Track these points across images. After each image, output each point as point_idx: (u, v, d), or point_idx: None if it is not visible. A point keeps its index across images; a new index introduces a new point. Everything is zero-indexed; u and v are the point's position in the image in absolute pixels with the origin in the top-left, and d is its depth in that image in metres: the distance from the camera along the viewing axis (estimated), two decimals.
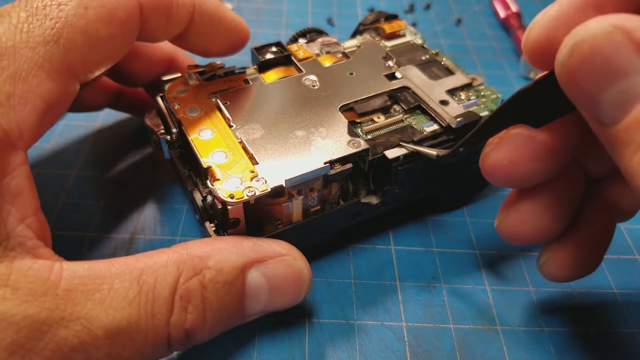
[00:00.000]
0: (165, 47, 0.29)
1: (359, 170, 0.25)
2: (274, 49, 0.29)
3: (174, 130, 0.25)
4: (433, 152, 0.23)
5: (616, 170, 0.18)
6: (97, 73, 0.21)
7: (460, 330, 0.24)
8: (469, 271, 0.27)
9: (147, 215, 0.28)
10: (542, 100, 0.18)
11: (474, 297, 0.26)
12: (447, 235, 0.28)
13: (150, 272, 0.18)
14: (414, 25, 0.46)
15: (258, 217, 0.23)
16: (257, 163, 0.22)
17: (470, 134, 0.20)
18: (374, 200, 0.26)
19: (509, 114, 0.19)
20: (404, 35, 0.31)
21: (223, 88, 0.26)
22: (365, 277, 0.26)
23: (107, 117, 0.34)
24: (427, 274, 0.26)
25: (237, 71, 0.28)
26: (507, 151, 0.19)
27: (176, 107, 0.25)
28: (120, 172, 0.31)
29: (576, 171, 0.21)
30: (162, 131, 0.25)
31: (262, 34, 0.42)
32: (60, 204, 0.28)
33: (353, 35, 0.33)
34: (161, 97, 0.26)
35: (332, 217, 0.25)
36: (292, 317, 0.24)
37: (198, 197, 0.23)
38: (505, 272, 0.27)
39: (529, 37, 0.18)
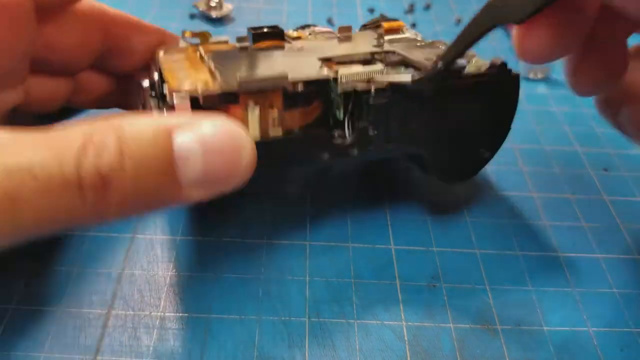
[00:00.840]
0: (147, 37, 0.28)
1: (337, 121, 0.24)
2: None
3: (156, 78, 0.25)
4: (407, 76, 0.22)
5: None
6: None
7: (460, 330, 0.24)
8: (469, 271, 0.27)
9: (147, 215, 0.28)
10: None
11: (474, 297, 0.26)
12: (447, 235, 0.28)
13: (59, 130, 0.17)
14: (413, 25, 0.46)
15: None
16: (216, 79, 0.22)
17: (449, 46, 0.20)
18: (347, 140, 0.24)
19: (491, 16, 0.19)
20: (403, 33, 0.31)
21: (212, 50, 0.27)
22: (365, 277, 0.26)
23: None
24: (427, 273, 0.26)
25: (230, 42, 0.28)
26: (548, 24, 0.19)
27: (161, 54, 0.26)
28: None
29: None
30: (147, 85, 0.25)
31: None
32: None
33: None
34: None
35: (293, 144, 0.23)
36: (292, 317, 0.24)
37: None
38: (505, 272, 0.27)
39: None
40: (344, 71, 0.24)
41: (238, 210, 0.29)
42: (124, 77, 0.29)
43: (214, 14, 0.45)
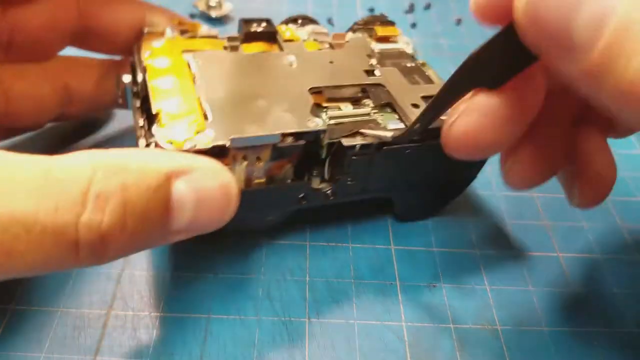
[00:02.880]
0: (129, 14, 0.27)
1: (317, 157, 0.24)
2: (263, 24, 0.29)
3: (140, 79, 0.25)
4: (388, 133, 0.22)
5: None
6: None
7: (460, 330, 0.24)
8: (469, 271, 0.27)
9: None
10: (498, 59, 0.18)
11: (474, 297, 0.26)
12: (447, 235, 0.28)
13: (61, 166, 0.16)
14: (413, 25, 0.46)
15: None
16: (208, 120, 0.22)
17: (425, 108, 0.20)
18: (323, 187, 0.25)
19: (463, 80, 0.19)
20: (396, 42, 0.31)
21: (199, 49, 0.27)
22: (365, 277, 0.26)
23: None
24: (427, 274, 0.26)
25: (220, 37, 0.28)
26: (479, 116, 0.19)
27: (146, 55, 0.25)
28: None
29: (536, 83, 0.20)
30: (129, 80, 0.25)
31: None
32: None
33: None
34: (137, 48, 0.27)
35: (275, 192, 0.24)
36: (292, 317, 0.24)
37: (142, 143, 0.23)
38: (505, 272, 0.27)
39: None
40: (332, 115, 0.24)
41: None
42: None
43: (213, 14, 0.45)
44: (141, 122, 0.24)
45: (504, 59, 0.18)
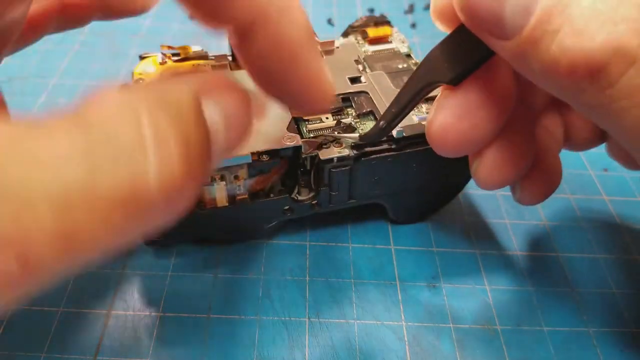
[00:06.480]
0: None
1: (304, 168, 0.25)
2: None
3: None
4: (355, 134, 0.23)
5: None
6: None
7: (460, 330, 0.24)
8: (469, 271, 0.27)
9: None
10: (456, 55, 0.19)
11: (474, 297, 0.26)
12: (447, 235, 0.28)
13: (98, 117, 0.13)
14: (413, 25, 0.46)
15: None
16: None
17: (390, 105, 0.20)
18: (306, 199, 0.25)
19: (423, 76, 0.20)
20: (389, 42, 0.31)
21: (189, 71, 0.27)
22: (365, 277, 0.26)
23: None
24: (427, 274, 0.26)
25: (210, 57, 0.28)
26: (449, 111, 0.20)
27: (139, 83, 0.26)
28: None
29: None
30: None
31: None
32: None
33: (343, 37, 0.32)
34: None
35: (259, 207, 0.24)
36: (292, 317, 0.24)
37: None
38: (504, 272, 0.27)
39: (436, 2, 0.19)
40: (312, 128, 0.25)
41: None
42: None
43: None
44: None
45: (460, 54, 0.19)
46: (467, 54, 0.18)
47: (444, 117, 0.20)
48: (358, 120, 0.26)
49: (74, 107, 0.13)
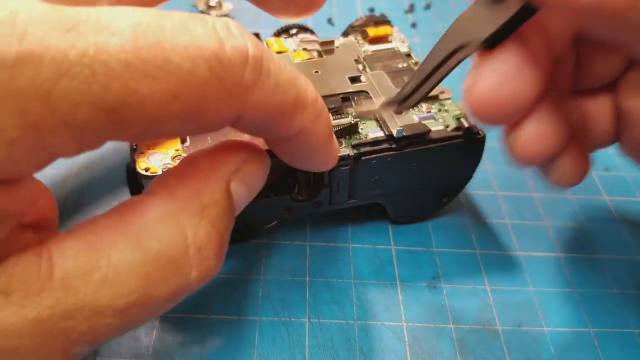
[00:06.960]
0: None
1: (298, 182, 0.25)
2: None
3: None
4: (375, 106, 0.23)
5: None
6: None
7: (460, 330, 0.24)
8: (469, 271, 0.27)
9: None
10: (492, 13, 0.18)
11: (474, 297, 0.26)
12: (447, 235, 0.28)
13: (148, 233, 0.15)
14: (413, 25, 0.46)
15: None
16: (185, 143, 0.23)
17: (415, 72, 0.20)
18: (308, 198, 0.25)
19: (455, 38, 0.18)
20: (389, 42, 0.31)
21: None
22: (365, 277, 0.26)
23: None
24: (427, 274, 0.26)
25: None
26: (495, 74, 0.19)
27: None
28: (120, 172, 0.31)
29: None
30: None
31: (262, 34, 0.42)
32: (59, 205, 0.28)
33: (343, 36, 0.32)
34: None
35: (259, 207, 0.24)
36: (292, 317, 0.24)
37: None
38: (505, 272, 0.27)
39: None
40: None
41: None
42: None
43: (213, 14, 0.45)
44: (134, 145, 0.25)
45: (497, 13, 0.17)
46: (504, 13, 0.17)
47: (485, 83, 0.19)
48: (358, 119, 0.26)
49: (118, 212, 0.15)
